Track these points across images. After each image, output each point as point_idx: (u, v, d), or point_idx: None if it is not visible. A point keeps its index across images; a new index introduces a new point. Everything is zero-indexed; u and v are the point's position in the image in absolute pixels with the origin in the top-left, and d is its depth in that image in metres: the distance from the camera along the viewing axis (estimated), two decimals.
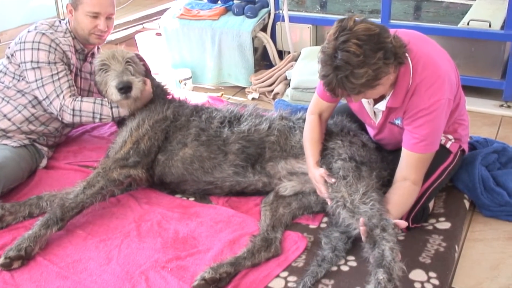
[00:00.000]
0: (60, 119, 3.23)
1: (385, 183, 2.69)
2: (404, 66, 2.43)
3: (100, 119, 3.22)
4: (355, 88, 2.29)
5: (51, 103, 3.17)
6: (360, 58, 2.22)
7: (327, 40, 2.33)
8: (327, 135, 2.84)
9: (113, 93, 3.07)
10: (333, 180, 2.58)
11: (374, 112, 2.71)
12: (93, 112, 3.19)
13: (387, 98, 2.55)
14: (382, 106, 2.60)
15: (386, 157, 2.84)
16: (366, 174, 2.60)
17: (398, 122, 2.63)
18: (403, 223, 2.40)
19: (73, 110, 3.16)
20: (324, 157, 2.72)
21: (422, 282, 2.36)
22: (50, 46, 3.17)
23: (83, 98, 3.20)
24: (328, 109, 2.82)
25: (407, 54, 2.41)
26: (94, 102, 3.18)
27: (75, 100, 3.17)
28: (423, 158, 2.53)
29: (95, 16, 3.24)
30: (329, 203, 2.61)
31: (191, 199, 3.05)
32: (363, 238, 2.35)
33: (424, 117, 2.45)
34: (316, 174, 2.66)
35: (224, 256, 2.55)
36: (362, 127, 2.99)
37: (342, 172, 2.58)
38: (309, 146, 2.77)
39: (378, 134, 2.83)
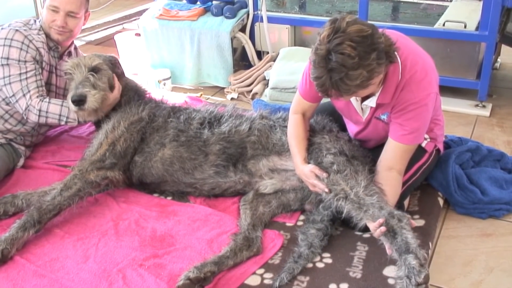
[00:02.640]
0: (25, 118, 3.23)
1: None
2: (393, 63, 2.46)
3: (66, 122, 3.23)
4: (350, 89, 2.29)
5: (17, 101, 3.17)
6: (355, 60, 2.21)
7: (319, 41, 2.30)
8: (311, 131, 2.86)
9: (70, 104, 3.07)
10: (325, 174, 2.60)
11: (362, 108, 2.74)
12: (60, 115, 3.19)
13: (377, 94, 2.57)
14: (372, 102, 2.62)
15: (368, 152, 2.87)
16: (361, 168, 2.63)
17: (384, 117, 2.66)
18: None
19: (40, 110, 3.16)
20: (311, 152, 2.74)
21: (395, 278, 2.38)
22: (22, 43, 3.16)
23: (51, 100, 3.20)
24: (311, 109, 2.85)
25: (396, 53, 2.44)
26: (62, 105, 3.18)
27: (42, 101, 3.17)
28: (409, 149, 2.59)
29: (55, 10, 3.24)
30: (324, 196, 2.63)
31: (169, 198, 3.06)
32: (377, 236, 2.38)
33: (415, 110, 2.50)
34: (306, 170, 2.68)
35: (202, 254, 2.56)
36: (341, 127, 3.02)
37: (336, 167, 2.60)
38: (295, 144, 2.78)
39: (363, 131, 2.86)
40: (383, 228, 2.34)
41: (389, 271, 2.43)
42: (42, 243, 2.68)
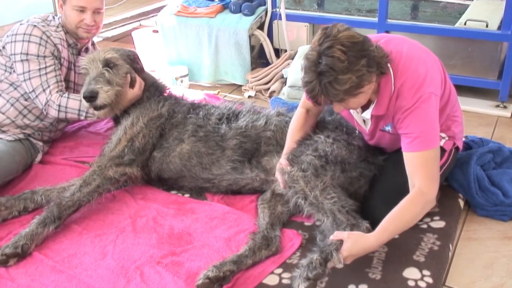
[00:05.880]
0: (45, 113, 3.24)
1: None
2: (385, 74, 2.45)
3: (86, 117, 3.25)
4: (338, 94, 2.28)
5: (37, 97, 3.19)
6: (345, 64, 2.22)
7: (311, 47, 2.33)
8: (320, 128, 2.88)
9: (82, 100, 3.07)
10: (288, 168, 2.63)
11: (364, 121, 2.72)
12: (79, 110, 3.21)
13: (371, 106, 2.56)
14: (367, 114, 2.60)
15: (376, 156, 2.84)
16: (329, 174, 2.62)
17: (388, 128, 2.63)
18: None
19: (59, 106, 3.18)
20: (301, 145, 2.77)
21: (415, 280, 2.36)
22: (41, 38, 3.18)
23: (70, 95, 3.21)
24: (314, 108, 2.85)
25: (389, 64, 2.44)
26: (81, 100, 3.17)
27: (62, 96, 3.19)
28: (425, 156, 2.43)
29: (82, 10, 3.25)
30: (283, 191, 2.70)
31: (187, 195, 3.06)
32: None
33: (410, 114, 2.44)
34: (280, 161, 2.74)
35: (220, 252, 2.55)
36: None
37: (304, 166, 2.62)
38: (288, 136, 2.85)
39: (370, 140, 2.83)
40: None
41: (409, 272, 2.40)
42: (60, 239, 2.68)
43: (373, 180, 2.78)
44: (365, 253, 2.35)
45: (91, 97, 3.00)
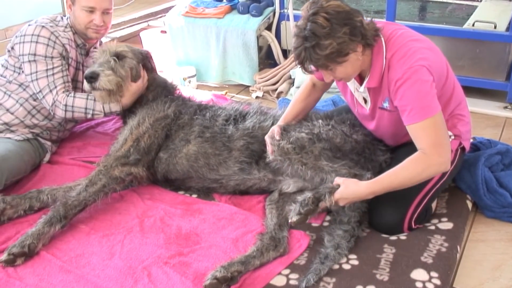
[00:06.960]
0: (52, 113, 3.25)
1: None
2: (377, 46, 2.52)
3: (93, 114, 3.25)
4: (320, 59, 2.39)
5: (44, 97, 3.20)
6: (326, 30, 2.34)
7: (302, 15, 2.45)
8: (327, 118, 2.92)
9: (84, 82, 3.10)
10: (277, 137, 2.77)
11: (365, 100, 2.73)
12: (86, 108, 3.21)
13: (366, 79, 2.60)
14: (362, 87, 2.65)
15: (376, 153, 2.84)
16: (318, 146, 2.72)
17: (386, 105, 2.63)
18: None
19: (66, 105, 3.18)
20: (298, 122, 2.91)
21: (423, 282, 2.36)
22: (49, 39, 3.19)
23: (76, 94, 3.22)
24: (319, 83, 2.94)
25: (383, 39, 2.52)
26: (87, 98, 3.20)
27: (68, 96, 3.20)
28: (424, 126, 2.43)
29: (91, 10, 3.26)
30: (269, 156, 2.81)
31: (194, 195, 3.06)
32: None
33: (402, 86, 2.45)
34: (273, 127, 2.87)
35: (227, 253, 2.55)
36: None
37: (292, 139, 2.73)
38: (289, 105, 3.01)
39: (371, 121, 2.81)
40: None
41: (417, 274, 2.40)
42: (68, 238, 2.69)
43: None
44: (357, 198, 2.52)
45: (91, 78, 3.03)
